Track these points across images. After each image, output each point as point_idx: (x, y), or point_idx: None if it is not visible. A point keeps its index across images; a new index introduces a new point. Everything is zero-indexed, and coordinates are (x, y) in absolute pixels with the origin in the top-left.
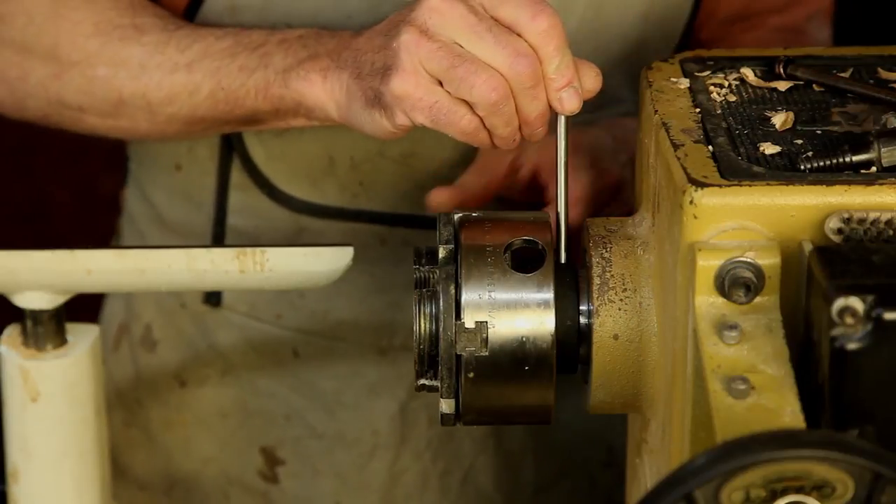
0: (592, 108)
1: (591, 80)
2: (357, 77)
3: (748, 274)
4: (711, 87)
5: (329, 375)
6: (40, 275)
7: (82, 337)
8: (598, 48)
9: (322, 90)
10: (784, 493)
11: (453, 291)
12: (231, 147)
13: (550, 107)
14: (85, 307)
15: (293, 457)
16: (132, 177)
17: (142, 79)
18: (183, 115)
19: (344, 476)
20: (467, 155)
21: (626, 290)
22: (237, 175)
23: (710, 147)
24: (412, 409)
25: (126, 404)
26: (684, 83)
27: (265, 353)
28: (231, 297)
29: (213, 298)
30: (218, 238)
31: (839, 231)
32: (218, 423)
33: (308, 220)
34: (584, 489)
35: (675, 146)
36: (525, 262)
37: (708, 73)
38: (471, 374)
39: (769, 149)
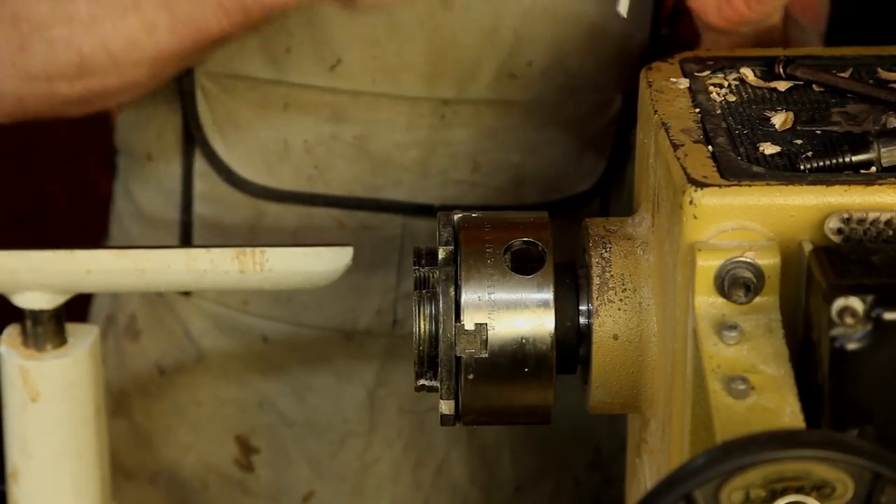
0: (562, 93)
1: None
2: None
3: (748, 274)
4: (711, 87)
5: (297, 361)
6: (40, 275)
7: (82, 337)
8: (555, 26)
9: None
10: (784, 493)
11: (453, 293)
12: (192, 136)
13: None
14: (78, 305)
15: (266, 445)
16: (118, 171)
17: (96, 30)
18: (147, 58)
19: (317, 464)
20: (420, 137)
21: (625, 290)
22: (199, 163)
23: (710, 147)
24: (380, 397)
25: (112, 394)
26: (684, 83)
27: (235, 339)
28: None
29: None
30: (186, 226)
31: (839, 231)
32: (194, 412)
33: (266, 205)
34: (567, 490)
35: (675, 146)
36: (525, 262)
37: (707, 73)
38: (470, 376)
39: (769, 149)
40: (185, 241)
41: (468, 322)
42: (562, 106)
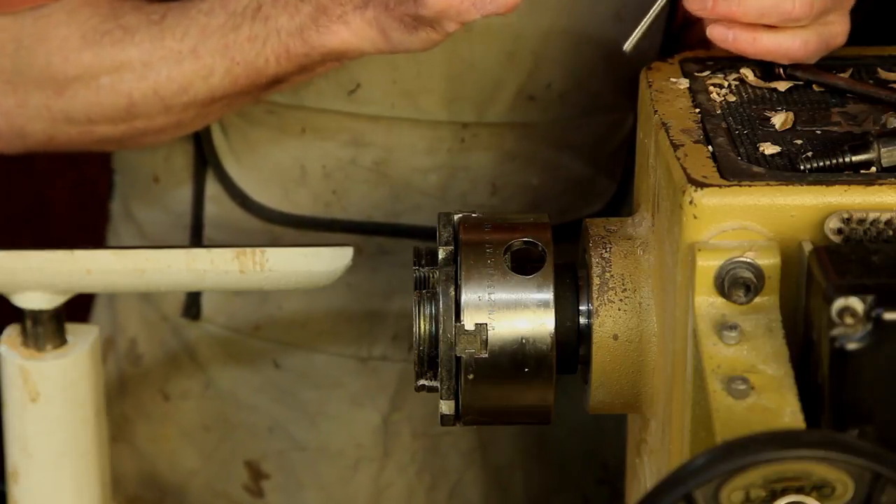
0: (580, 114)
1: None
2: (385, 9)
3: (748, 274)
4: (711, 88)
5: (310, 386)
6: (40, 275)
7: (82, 337)
8: (574, 48)
9: (349, 35)
10: (784, 493)
11: (453, 293)
12: (205, 159)
13: None
14: (78, 309)
15: (277, 470)
16: (116, 189)
17: (149, 77)
18: (200, 100)
19: (329, 490)
20: (440, 161)
21: (625, 290)
22: (212, 186)
23: (710, 147)
24: (395, 422)
25: (112, 418)
26: (684, 83)
27: (245, 364)
28: (210, 309)
29: (191, 311)
30: None
31: (839, 231)
32: (201, 437)
33: (281, 230)
34: None
35: (675, 146)
36: (525, 262)
37: (708, 73)
38: (470, 376)
39: (769, 149)
40: None
41: (468, 322)
42: (579, 127)
